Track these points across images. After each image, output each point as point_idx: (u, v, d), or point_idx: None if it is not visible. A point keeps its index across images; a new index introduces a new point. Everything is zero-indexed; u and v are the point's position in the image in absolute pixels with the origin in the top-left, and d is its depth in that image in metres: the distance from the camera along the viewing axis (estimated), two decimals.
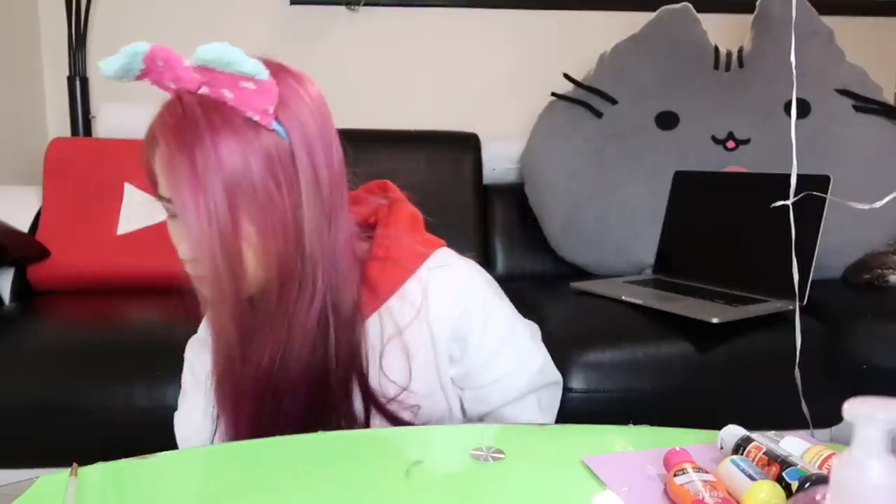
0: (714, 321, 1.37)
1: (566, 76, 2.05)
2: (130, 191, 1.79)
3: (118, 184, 1.79)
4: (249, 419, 0.76)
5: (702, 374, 1.42)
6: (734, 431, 0.62)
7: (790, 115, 0.88)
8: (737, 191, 1.73)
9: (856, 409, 0.40)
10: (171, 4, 2.21)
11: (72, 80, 2.12)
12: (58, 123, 2.22)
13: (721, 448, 0.63)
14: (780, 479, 0.54)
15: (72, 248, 1.73)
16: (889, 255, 1.79)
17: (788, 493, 0.53)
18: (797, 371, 0.87)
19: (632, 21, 2.10)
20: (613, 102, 1.97)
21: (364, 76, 2.30)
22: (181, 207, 0.67)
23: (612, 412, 1.39)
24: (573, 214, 1.92)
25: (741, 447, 0.60)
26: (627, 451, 0.66)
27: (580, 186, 1.93)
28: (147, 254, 1.74)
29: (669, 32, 2.01)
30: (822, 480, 0.52)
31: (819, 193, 1.34)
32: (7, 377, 1.32)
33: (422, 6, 2.30)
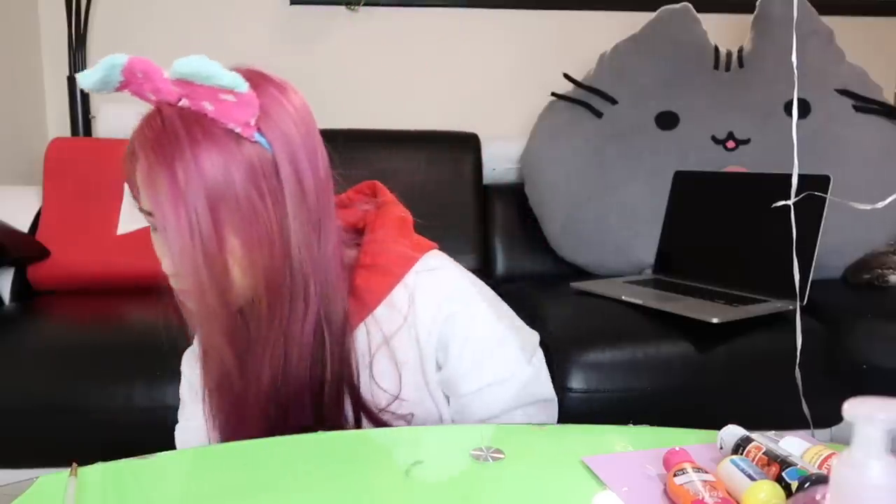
0: (714, 321, 1.37)
1: (566, 76, 2.05)
2: (129, 187, 1.79)
3: (118, 184, 1.79)
4: (257, 436, 0.76)
5: (702, 374, 1.42)
6: (734, 431, 0.62)
7: (790, 115, 0.89)
8: (737, 191, 1.73)
9: (856, 409, 0.40)
10: (171, 4, 2.21)
11: (72, 80, 2.12)
12: (58, 123, 2.22)
13: (721, 448, 0.63)
14: (780, 479, 0.54)
15: (72, 248, 1.73)
16: (889, 255, 1.79)
17: (788, 493, 0.53)
18: (798, 371, 0.87)
19: (632, 21, 2.10)
20: (613, 102, 1.97)
21: (364, 76, 2.30)
22: (162, 221, 0.67)
23: (612, 412, 1.39)
24: (573, 214, 1.92)
25: (741, 447, 0.60)
26: (627, 451, 0.66)
27: (580, 186, 1.93)
28: (147, 254, 1.71)
29: (669, 32, 2.01)
30: (822, 480, 0.51)
31: (819, 193, 1.34)
32: (7, 377, 1.32)
33: (422, 6, 2.30)
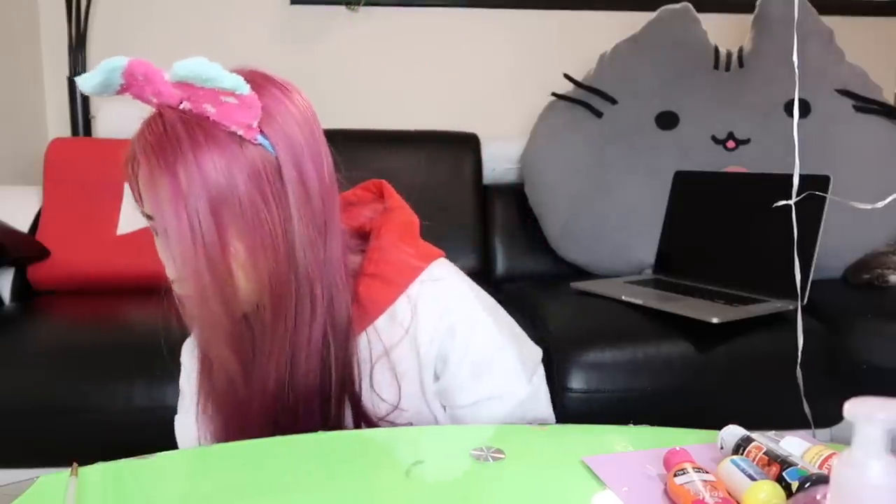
0: (714, 321, 1.37)
1: (566, 76, 2.05)
2: (130, 191, 1.79)
3: (118, 184, 1.79)
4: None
5: (702, 374, 1.42)
6: (734, 431, 0.62)
7: (790, 115, 0.89)
8: (737, 191, 1.73)
9: (856, 409, 0.40)
10: (171, 4, 2.21)
11: (72, 81, 2.12)
12: (58, 123, 2.22)
13: (721, 448, 0.63)
14: (781, 479, 0.54)
15: (72, 248, 1.73)
16: (889, 255, 1.79)
17: (788, 493, 0.53)
18: (799, 371, 0.87)
19: (632, 21, 2.10)
20: (613, 102, 1.97)
21: (364, 76, 2.30)
22: (164, 226, 0.66)
23: (612, 412, 1.39)
24: (573, 214, 1.92)
25: (741, 447, 0.60)
26: (627, 451, 0.66)
27: (580, 186, 1.93)
28: (147, 254, 1.72)
29: (669, 32, 2.01)
30: (822, 480, 0.51)
31: (820, 193, 1.34)
32: (7, 377, 1.32)
33: (422, 6, 2.30)
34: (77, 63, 2.11)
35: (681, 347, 1.42)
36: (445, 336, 0.78)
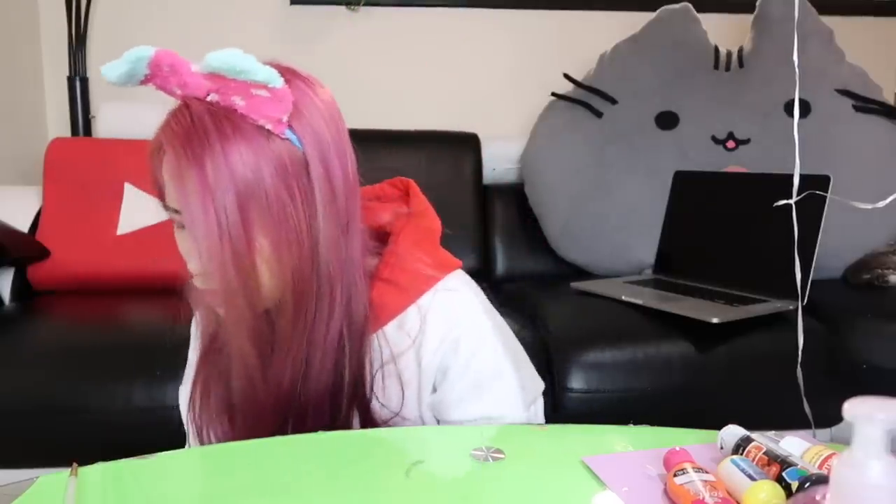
0: (714, 321, 1.37)
1: (566, 76, 2.05)
2: (130, 191, 1.79)
3: (118, 184, 1.79)
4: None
5: (702, 374, 1.42)
6: (734, 431, 0.62)
7: (790, 115, 0.89)
8: (737, 191, 1.73)
9: (856, 409, 0.39)
10: (171, 4, 2.21)
11: (72, 80, 2.12)
12: (58, 123, 2.22)
13: (721, 448, 0.63)
14: (780, 479, 0.54)
15: (72, 248, 1.73)
16: (889, 255, 1.79)
17: (788, 493, 0.53)
18: (799, 370, 0.87)
19: (632, 21, 2.10)
20: (613, 102, 1.97)
21: (364, 76, 2.30)
22: (190, 220, 0.65)
23: (612, 412, 1.39)
24: (573, 214, 1.92)
25: (741, 447, 0.60)
26: (627, 451, 0.66)
27: (580, 186, 1.93)
28: (147, 254, 1.74)
29: (669, 32, 2.01)
30: (822, 480, 0.51)
31: (820, 193, 1.34)
32: (7, 377, 1.32)
33: (422, 6, 2.30)
34: (77, 63, 2.12)
35: (681, 347, 1.42)
36: (449, 348, 0.77)
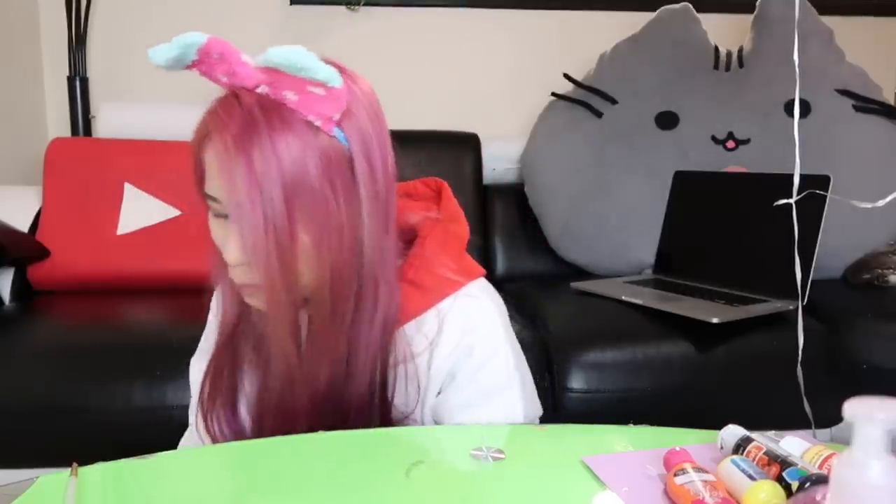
0: (714, 321, 1.37)
1: (566, 76, 2.05)
2: (130, 191, 1.79)
3: (118, 184, 1.79)
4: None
5: (702, 374, 1.42)
6: (734, 431, 0.62)
7: (790, 115, 0.89)
8: (737, 191, 1.73)
9: (856, 409, 0.39)
10: (171, 4, 2.21)
11: (72, 80, 2.12)
12: (58, 123, 2.22)
13: (721, 448, 0.63)
14: (781, 479, 0.54)
15: (72, 248, 1.73)
16: (889, 255, 1.79)
17: (788, 493, 0.53)
18: (799, 370, 0.87)
19: (632, 21, 2.10)
20: (613, 102, 1.97)
21: (364, 76, 2.30)
22: (237, 210, 0.64)
23: (612, 412, 1.39)
24: (573, 214, 1.92)
25: (741, 447, 0.60)
26: (627, 451, 0.66)
27: (580, 186, 1.93)
28: (147, 254, 1.74)
29: (669, 32, 2.01)
30: (822, 480, 0.51)
31: (820, 192, 1.34)
32: (7, 377, 1.32)
33: (422, 6, 2.30)
34: (77, 63, 2.11)
35: (681, 347, 1.42)
36: (463, 353, 0.77)
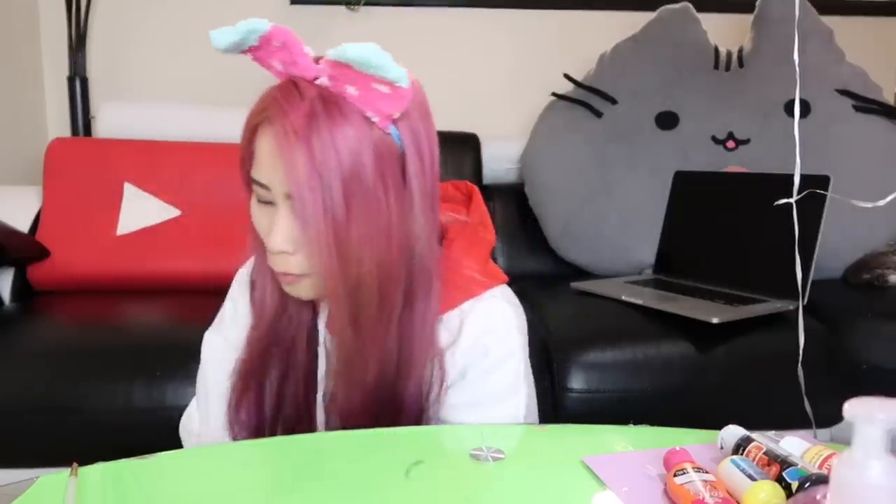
0: (714, 321, 1.37)
1: (566, 76, 2.05)
2: (130, 191, 1.79)
3: (118, 184, 1.79)
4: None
5: (702, 374, 1.42)
6: (734, 431, 0.62)
7: (790, 115, 0.89)
8: (737, 191, 1.73)
9: (856, 409, 0.40)
10: (171, 4, 2.21)
11: (72, 80, 2.12)
12: (58, 123, 2.22)
13: (721, 448, 0.63)
14: (781, 479, 0.54)
15: (72, 248, 1.73)
16: (889, 255, 1.80)
17: (788, 493, 0.53)
18: (800, 370, 0.87)
19: (632, 21, 2.10)
20: (613, 102, 1.97)
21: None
22: (298, 198, 0.65)
23: (612, 412, 1.39)
24: (573, 214, 1.92)
25: (741, 447, 0.60)
26: (627, 451, 0.66)
27: (580, 186, 1.93)
28: (147, 254, 1.74)
29: (669, 32, 2.01)
30: (822, 480, 0.51)
31: (820, 192, 1.34)
32: (7, 377, 1.32)
33: (422, 6, 2.30)
34: (77, 63, 2.11)
35: (681, 347, 1.42)
36: (477, 353, 0.77)
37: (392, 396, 0.74)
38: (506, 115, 2.33)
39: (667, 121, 1.94)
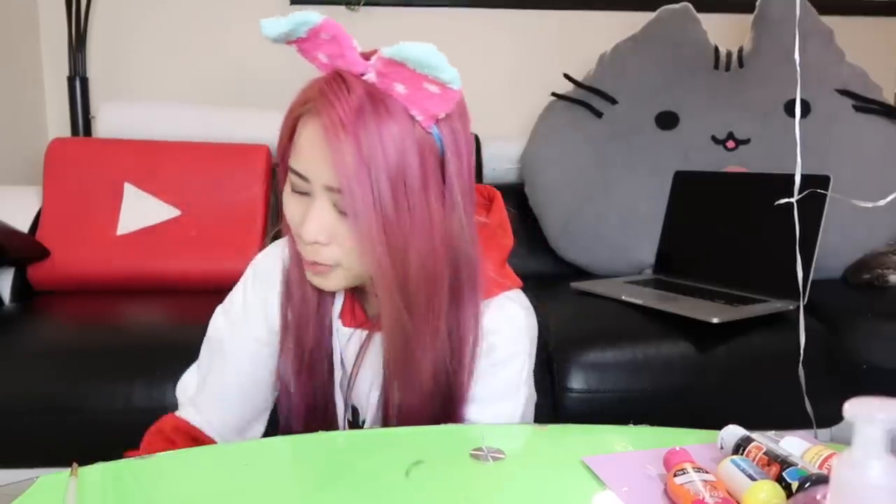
0: (714, 321, 1.37)
1: (566, 76, 2.05)
2: (130, 191, 1.79)
3: (118, 184, 1.79)
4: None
5: (702, 374, 1.42)
6: (734, 431, 0.62)
7: (790, 115, 0.88)
8: (737, 191, 1.73)
9: (856, 409, 0.40)
10: (171, 4, 2.21)
11: (72, 80, 2.12)
12: (58, 123, 2.22)
13: (721, 448, 0.63)
14: (781, 479, 0.54)
15: (72, 248, 1.73)
16: (889, 255, 1.79)
17: (788, 493, 0.53)
18: (801, 369, 0.87)
19: (632, 21, 2.10)
20: (613, 102, 1.97)
21: None
22: (349, 193, 0.65)
23: (612, 412, 1.39)
24: (573, 214, 1.92)
25: (741, 447, 0.60)
26: (627, 451, 0.66)
27: (580, 186, 1.93)
28: (147, 254, 1.74)
29: (669, 32, 2.01)
30: (822, 480, 0.52)
31: (821, 191, 1.34)
32: (7, 377, 1.32)
33: (422, 6, 2.30)
34: (77, 63, 2.11)
35: (681, 347, 1.42)
36: (483, 350, 0.78)
37: (448, 394, 0.75)
38: (506, 115, 2.32)
39: (667, 121, 1.94)
